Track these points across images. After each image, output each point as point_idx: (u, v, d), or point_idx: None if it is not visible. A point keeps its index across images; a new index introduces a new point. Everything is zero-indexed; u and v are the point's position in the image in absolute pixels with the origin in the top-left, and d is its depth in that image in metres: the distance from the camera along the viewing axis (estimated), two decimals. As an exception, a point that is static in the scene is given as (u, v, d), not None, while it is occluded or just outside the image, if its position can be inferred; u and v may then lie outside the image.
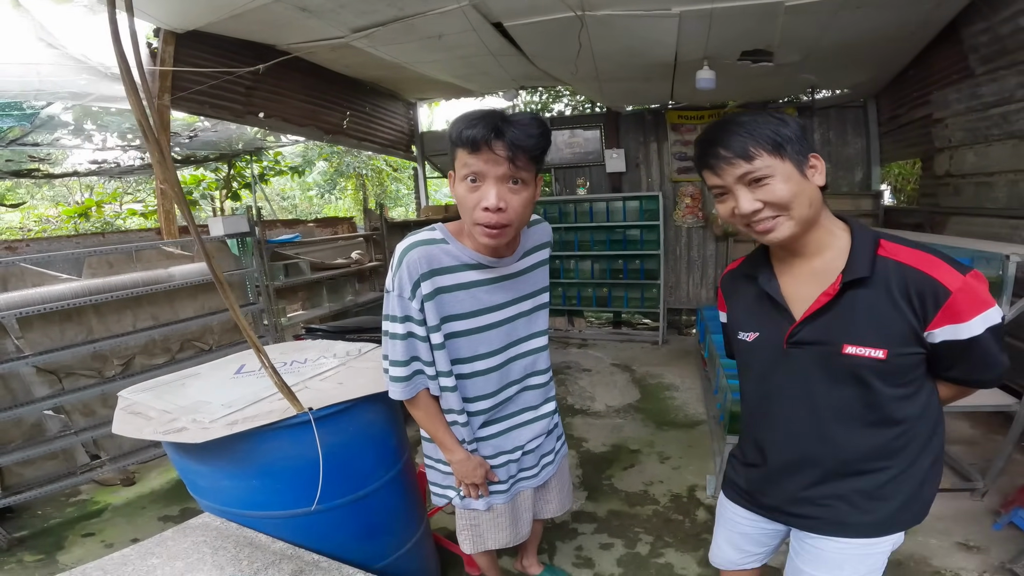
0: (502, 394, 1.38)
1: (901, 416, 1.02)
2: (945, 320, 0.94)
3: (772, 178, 0.94)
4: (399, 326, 1.21)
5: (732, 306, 1.24)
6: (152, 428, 1.44)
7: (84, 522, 2.81)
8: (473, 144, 1.05)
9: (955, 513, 2.49)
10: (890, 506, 1.08)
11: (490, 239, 1.13)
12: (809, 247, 1.03)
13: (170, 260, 3.42)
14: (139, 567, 1.05)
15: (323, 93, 5.14)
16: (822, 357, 1.02)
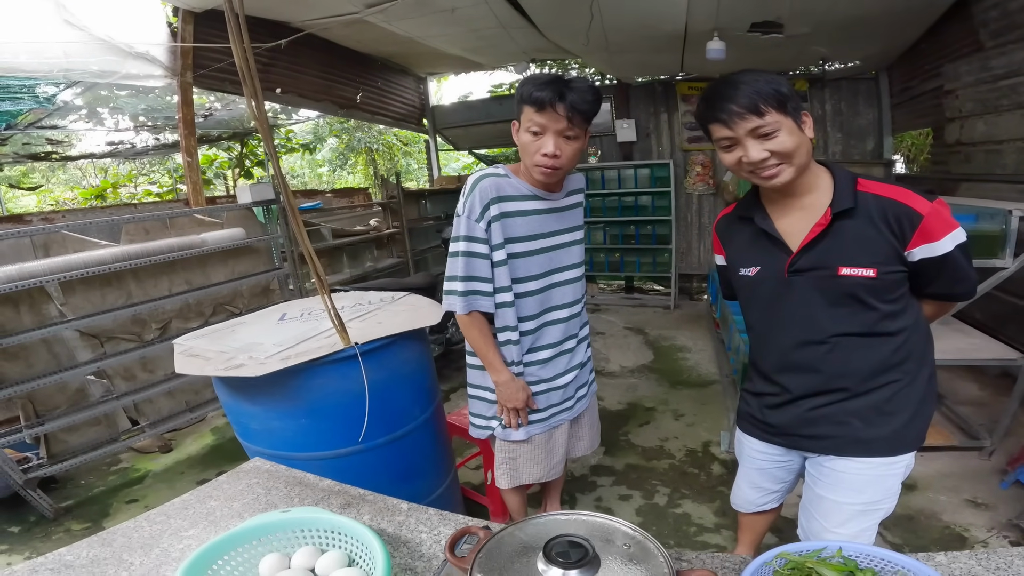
0: (546, 316, 1.54)
1: (895, 328, 1.16)
2: (921, 240, 1.09)
3: (779, 131, 1.07)
4: (463, 244, 1.39)
5: (730, 247, 1.36)
6: (213, 366, 1.57)
7: (126, 489, 2.92)
8: (540, 104, 1.29)
9: (963, 471, 2.58)
10: (899, 420, 1.20)
11: (545, 177, 1.40)
12: (800, 188, 1.17)
13: (202, 227, 3.55)
14: (199, 509, 1.13)
15: (337, 69, 5.21)
16: (820, 280, 1.16)
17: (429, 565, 0.93)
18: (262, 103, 1.31)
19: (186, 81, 3.84)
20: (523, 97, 1.33)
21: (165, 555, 0.98)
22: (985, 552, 0.86)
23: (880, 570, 0.75)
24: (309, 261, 1.47)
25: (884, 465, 1.21)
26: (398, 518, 1.08)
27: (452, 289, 1.43)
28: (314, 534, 0.92)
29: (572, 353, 1.62)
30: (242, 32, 1.19)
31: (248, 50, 1.19)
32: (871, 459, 1.21)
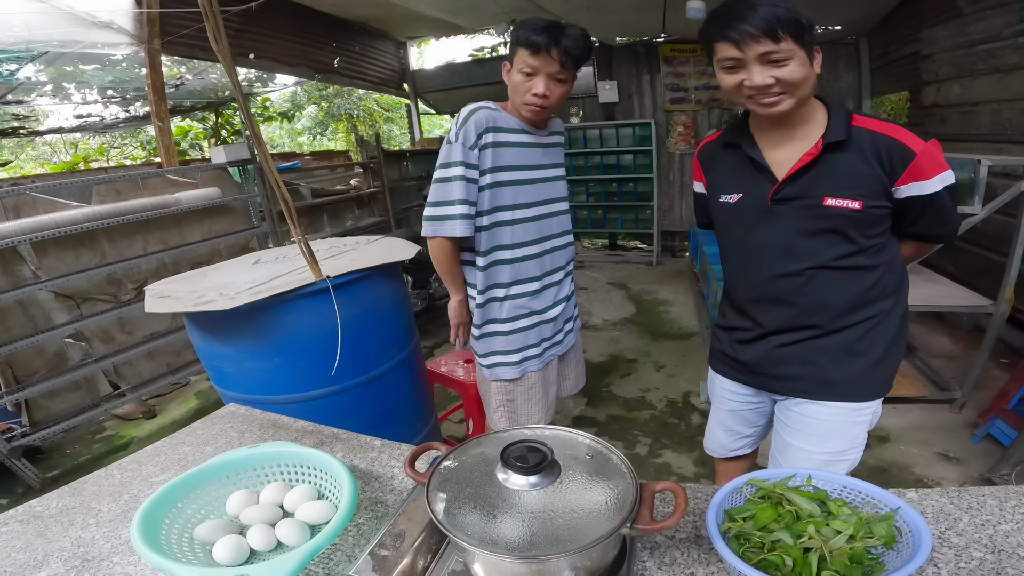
0: (536, 246, 1.58)
1: (872, 264, 1.15)
2: (910, 177, 1.07)
3: (791, 60, 1.01)
4: (459, 170, 1.43)
5: (711, 174, 1.33)
6: (182, 304, 1.54)
7: (112, 457, 2.87)
8: (535, 47, 1.35)
9: (935, 424, 2.62)
10: (867, 361, 1.18)
11: (533, 115, 1.48)
12: (793, 119, 1.12)
13: (175, 187, 3.48)
14: (171, 455, 1.12)
15: (312, 33, 5.11)
16: (804, 210, 1.13)
17: (400, 498, 0.92)
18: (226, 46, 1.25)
19: (153, 48, 3.74)
20: (519, 40, 1.38)
21: (134, 500, 0.97)
22: (957, 491, 0.87)
23: (851, 501, 0.75)
24: (277, 192, 1.45)
25: (851, 411, 1.21)
26: (371, 454, 1.08)
27: (452, 213, 1.44)
28: (283, 469, 0.91)
29: (560, 285, 1.66)
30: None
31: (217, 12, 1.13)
32: (838, 404, 1.21)
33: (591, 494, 0.64)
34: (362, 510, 0.90)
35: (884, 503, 0.73)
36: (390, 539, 0.72)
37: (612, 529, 0.58)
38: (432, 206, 1.47)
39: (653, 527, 0.61)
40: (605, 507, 0.63)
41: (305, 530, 0.79)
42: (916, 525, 0.67)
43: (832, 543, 0.67)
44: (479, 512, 0.62)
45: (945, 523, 0.80)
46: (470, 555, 0.63)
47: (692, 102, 6.11)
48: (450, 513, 0.62)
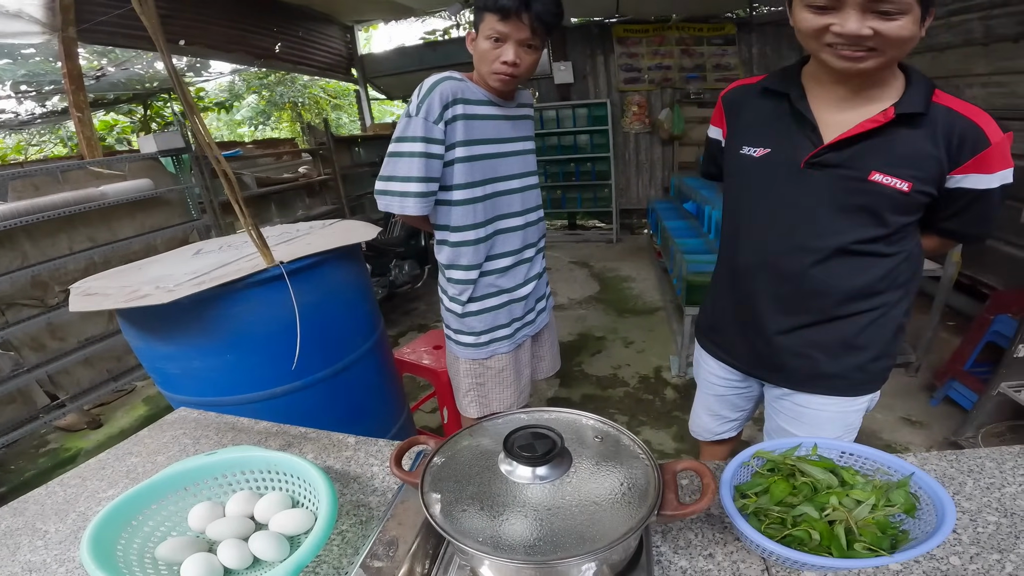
0: (506, 221, 1.51)
1: (891, 252, 1.04)
2: (973, 168, 0.95)
3: (904, 15, 0.83)
4: (420, 146, 1.32)
5: (736, 120, 1.16)
6: (112, 300, 1.36)
7: (60, 470, 2.66)
8: (504, 12, 1.26)
9: (895, 389, 2.70)
10: (865, 356, 1.09)
11: (502, 84, 1.38)
12: (865, 82, 0.96)
13: (100, 180, 3.18)
14: (118, 468, 1.02)
15: (250, 18, 4.84)
16: (843, 181, 0.99)
17: (384, 499, 0.86)
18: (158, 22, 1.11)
19: (68, 36, 3.43)
20: (486, 4, 1.28)
21: (82, 519, 0.89)
22: (955, 454, 0.87)
23: (859, 468, 0.73)
24: (218, 169, 1.30)
25: (845, 403, 1.14)
26: (345, 453, 1.01)
27: (406, 191, 1.35)
28: (249, 477, 0.83)
29: (531, 263, 1.60)
30: None
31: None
32: (831, 397, 1.13)
33: (608, 482, 0.58)
34: (344, 515, 0.82)
35: (895, 469, 0.71)
36: (381, 547, 0.64)
37: (641, 519, 0.52)
38: (384, 180, 1.37)
39: (683, 512, 0.55)
40: (626, 495, 0.56)
41: (283, 543, 0.71)
42: (934, 491, 0.64)
43: (855, 514, 0.64)
44: (485, 513, 0.54)
45: (952, 487, 0.80)
46: (478, 559, 0.55)
47: (645, 82, 6.17)
48: (452, 517, 0.54)
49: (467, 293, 1.49)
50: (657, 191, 6.54)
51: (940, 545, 0.68)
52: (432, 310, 4.00)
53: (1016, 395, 2.02)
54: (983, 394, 2.18)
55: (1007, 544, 0.69)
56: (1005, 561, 0.66)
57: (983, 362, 2.40)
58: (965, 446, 2.15)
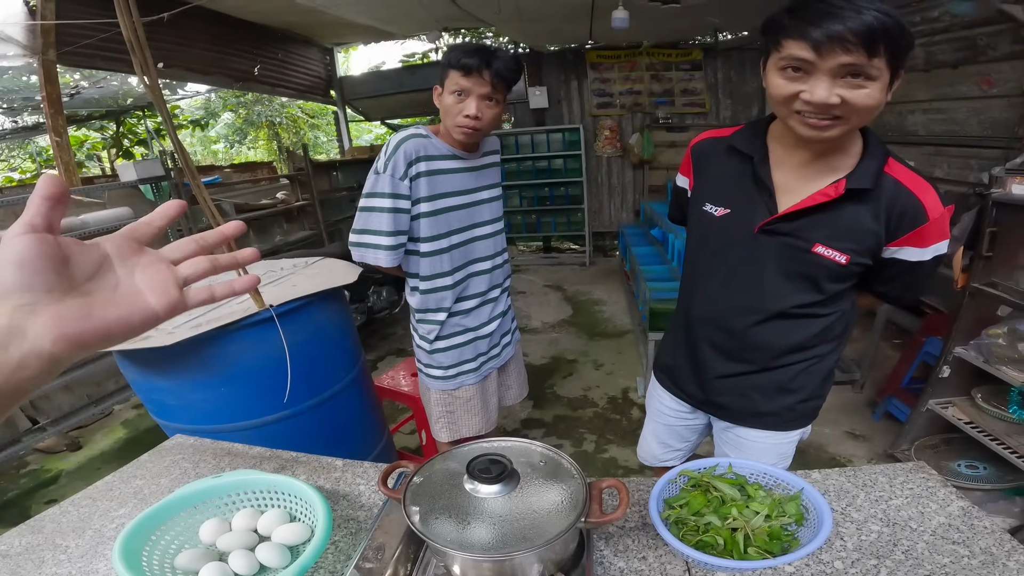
0: (472, 267, 1.62)
1: (826, 312, 1.09)
2: (909, 242, 0.98)
3: (873, 83, 0.84)
4: (388, 201, 1.43)
5: (703, 176, 1.19)
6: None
7: (42, 491, 2.75)
8: (467, 69, 1.37)
9: (841, 405, 2.91)
10: (796, 397, 1.18)
11: (465, 137, 1.48)
12: (826, 146, 0.97)
13: (80, 208, 3.24)
14: (125, 490, 1.10)
15: (230, 40, 4.89)
16: (789, 249, 1.03)
17: (370, 513, 0.97)
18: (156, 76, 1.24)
19: (48, 59, 3.47)
20: (451, 62, 1.40)
21: (99, 535, 0.97)
22: (853, 470, 1.00)
23: (765, 484, 0.87)
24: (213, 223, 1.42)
25: (780, 435, 1.24)
26: (334, 475, 1.11)
27: (377, 243, 1.46)
28: (251, 496, 0.93)
29: (496, 302, 1.71)
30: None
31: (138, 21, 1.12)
32: (766, 431, 1.23)
33: (548, 496, 0.73)
34: (336, 528, 0.94)
35: (791, 484, 0.85)
36: (371, 552, 0.77)
37: (570, 524, 0.67)
38: (357, 233, 1.48)
39: (603, 519, 0.71)
40: (562, 506, 0.71)
41: (285, 552, 0.83)
42: (817, 503, 0.80)
43: (752, 523, 0.79)
44: (453, 520, 0.69)
45: (845, 500, 0.93)
46: (450, 558, 0.70)
47: (617, 107, 6.36)
48: (427, 523, 0.69)
49: (435, 333, 1.60)
50: (628, 214, 6.74)
51: (828, 551, 0.81)
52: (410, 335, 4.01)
53: (943, 411, 2.20)
54: (914, 410, 2.37)
55: (885, 551, 0.80)
56: (880, 567, 0.78)
57: (919, 379, 2.59)
58: (901, 458, 2.32)
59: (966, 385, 2.22)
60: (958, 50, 3.06)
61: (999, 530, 0.83)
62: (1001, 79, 2.85)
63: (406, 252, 1.53)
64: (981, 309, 2.13)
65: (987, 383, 2.14)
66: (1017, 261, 2.06)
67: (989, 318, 2.14)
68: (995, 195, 2.00)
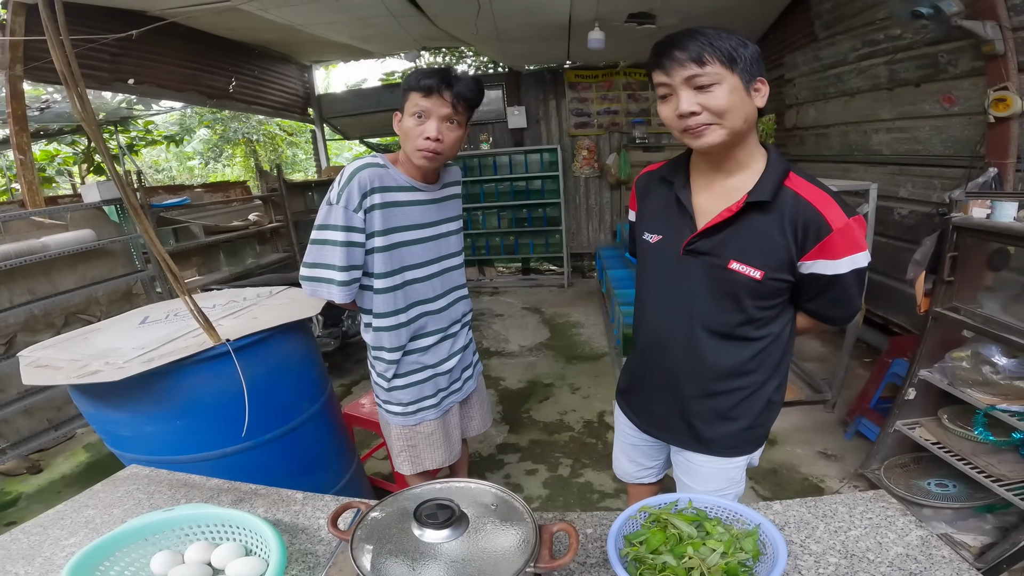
0: (430, 304, 1.56)
1: (758, 335, 1.13)
2: (819, 255, 1.03)
3: (717, 86, 0.97)
4: (341, 234, 1.36)
5: (643, 207, 1.28)
6: (64, 375, 1.42)
7: (1, 513, 2.66)
8: (428, 90, 1.32)
9: (813, 424, 2.94)
10: (738, 425, 1.21)
11: (426, 161, 1.40)
12: (729, 164, 1.08)
13: (42, 230, 3.16)
14: (76, 519, 1.07)
15: (204, 57, 4.84)
16: (710, 268, 1.10)
17: (329, 547, 0.95)
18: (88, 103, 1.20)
19: (15, 75, 3.41)
20: (410, 84, 1.35)
21: (49, 563, 0.96)
22: (813, 500, 1.00)
23: (724, 519, 0.87)
24: (159, 259, 1.38)
25: (725, 461, 1.26)
26: (294, 507, 1.09)
27: (330, 278, 1.40)
28: (204, 529, 0.91)
29: (455, 338, 1.66)
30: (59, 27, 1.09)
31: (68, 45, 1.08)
32: (711, 457, 1.25)
33: (499, 539, 0.71)
34: (293, 562, 0.92)
35: (750, 520, 0.85)
36: (326, 589, 0.74)
37: (518, 569, 0.66)
38: (309, 267, 1.41)
39: (552, 565, 0.69)
40: (511, 550, 0.69)
41: (240, 585, 0.80)
42: (773, 539, 0.79)
43: (708, 561, 0.78)
44: (401, 564, 0.68)
45: (805, 531, 0.92)
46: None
47: (595, 126, 6.40)
48: (376, 568, 0.67)
49: (392, 371, 1.54)
50: (606, 235, 6.75)
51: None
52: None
53: (910, 432, 2.23)
54: (882, 431, 2.39)
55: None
56: (837, 599, 0.77)
57: (887, 399, 2.61)
58: (871, 477, 2.35)
59: (933, 405, 2.25)
60: (920, 67, 3.10)
61: (957, 559, 0.83)
62: (962, 97, 2.88)
63: (360, 287, 1.46)
64: (945, 332, 2.16)
65: (953, 403, 2.16)
66: (979, 285, 2.10)
67: (954, 340, 2.17)
68: (955, 219, 2.03)
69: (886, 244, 3.43)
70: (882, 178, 3.38)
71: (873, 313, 3.65)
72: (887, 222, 3.43)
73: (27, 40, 3.36)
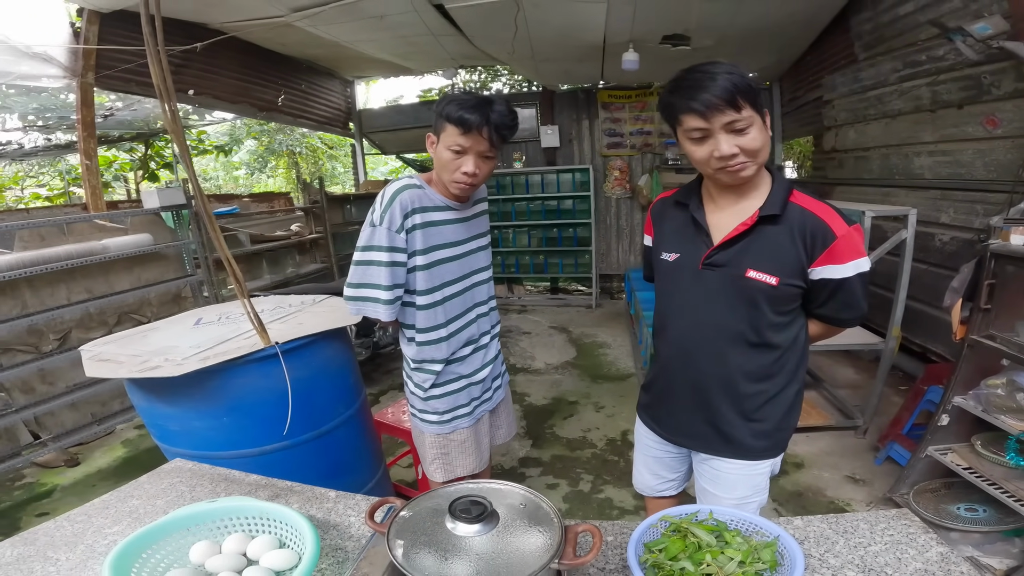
0: (465, 317, 1.62)
1: (777, 341, 1.21)
2: (826, 260, 1.13)
3: (752, 127, 1.06)
4: (385, 255, 1.42)
5: (659, 230, 1.37)
6: (127, 369, 1.53)
7: (35, 503, 2.77)
8: (466, 126, 1.35)
9: (843, 449, 2.89)
10: (762, 427, 1.27)
11: (461, 192, 1.49)
12: (745, 186, 1.18)
13: (103, 233, 3.37)
14: (121, 508, 1.12)
15: (257, 71, 5.03)
16: (729, 279, 1.18)
17: (359, 544, 0.99)
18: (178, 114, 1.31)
19: (87, 82, 3.62)
20: (449, 116, 1.37)
21: (90, 551, 0.99)
22: (834, 517, 1.01)
23: (744, 531, 0.89)
24: (227, 266, 1.48)
25: (751, 466, 1.30)
26: (327, 505, 1.13)
27: (376, 297, 1.45)
28: (243, 522, 0.96)
29: (486, 349, 1.72)
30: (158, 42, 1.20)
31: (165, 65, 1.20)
32: (739, 460, 1.29)
33: (527, 536, 0.76)
34: (324, 556, 0.96)
35: (769, 532, 0.87)
36: (356, 581, 0.80)
37: (543, 564, 0.70)
38: (354, 287, 1.46)
39: (576, 562, 0.73)
40: (538, 547, 0.74)
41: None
42: (792, 550, 0.82)
43: (726, 568, 0.81)
44: (433, 556, 0.72)
45: (824, 546, 0.94)
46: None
47: (627, 147, 6.37)
48: (409, 558, 0.72)
49: (430, 382, 1.60)
50: (636, 257, 6.67)
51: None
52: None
53: (942, 457, 2.20)
54: (914, 456, 2.35)
55: (858, 597, 0.81)
56: (852, 612, 0.79)
57: (921, 425, 2.58)
58: (899, 502, 2.30)
59: (966, 432, 2.21)
60: (963, 89, 3.03)
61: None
62: (1006, 119, 2.81)
63: (402, 304, 1.52)
64: (981, 360, 2.12)
65: (986, 430, 2.13)
66: (1017, 313, 2.06)
67: (990, 368, 2.13)
68: (993, 246, 2.01)
69: (926, 271, 3.34)
70: (923, 203, 3.31)
71: (910, 340, 3.55)
72: (927, 248, 3.35)
73: (99, 48, 3.56)
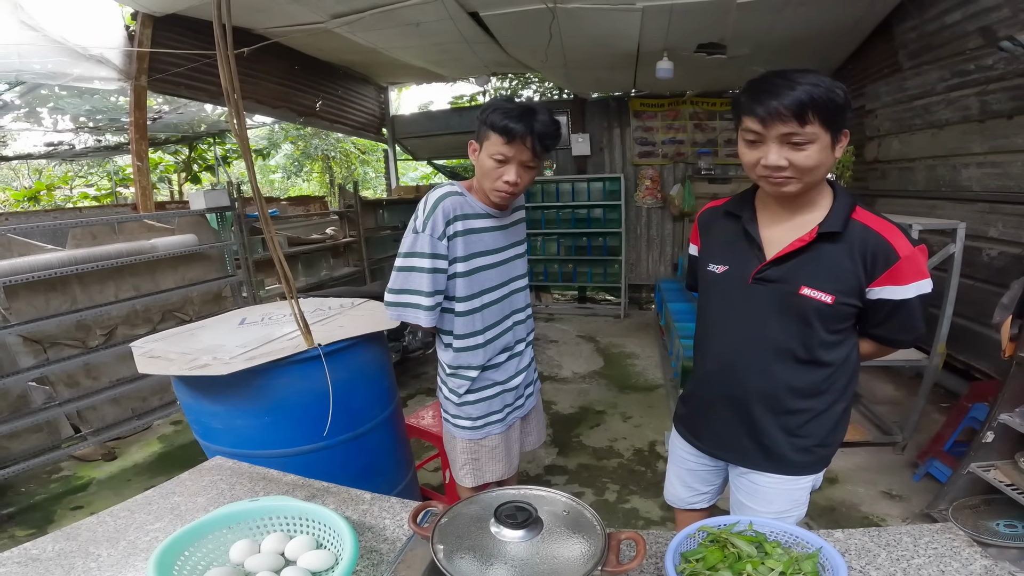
0: (502, 324, 1.64)
1: (828, 359, 1.17)
2: (887, 281, 1.08)
3: (811, 145, 1.00)
4: (427, 261, 1.44)
5: (706, 240, 1.33)
6: (177, 367, 1.60)
7: (70, 496, 2.85)
8: (510, 136, 1.35)
9: (879, 465, 2.82)
10: (806, 443, 1.23)
11: (502, 201, 1.49)
12: (798, 202, 1.13)
13: (151, 232, 3.51)
14: (163, 505, 1.15)
15: (297, 76, 5.17)
16: (780, 295, 1.14)
17: (393, 547, 1.01)
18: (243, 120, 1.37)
19: (140, 85, 3.76)
20: (493, 125, 1.37)
21: (132, 547, 1.00)
22: (876, 530, 0.99)
23: (785, 543, 0.88)
24: (279, 268, 1.52)
25: (792, 480, 1.27)
26: (362, 507, 1.15)
27: (417, 303, 1.47)
28: (282, 521, 0.98)
29: (521, 356, 1.73)
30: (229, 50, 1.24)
31: (233, 70, 1.25)
32: (779, 475, 1.26)
33: (569, 543, 0.76)
34: (359, 558, 0.97)
35: (811, 543, 0.86)
36: (394, 584, 0.81)
37: (587, 571, 0.70)
38: (395, 293, 1.47)
39: (619, 569, 0.74)
40: (581, 554, 0.74)
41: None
42: (835, 562, 0.81)
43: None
44: (476, 560, 0.73)
45: (865, 559, 0.92)
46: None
47: (659, 156, 6.28)
48: (452, 561, 0.73)
49: (465, 388, 1.61)
50: (666, 267, 6.58)
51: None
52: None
53: (984, 474, 2.15)
54: (955, 472, 2.30)
55: (901, 609, 0.80)
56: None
57: (963, 443, 2.53)
58: (937, 518, 2.25)
59: (1010, 449, 2.18)
60: (1013, 99, 2.95)
61: (1021, 589, 0.81)
62: None
63: (441, 310, 1.53)
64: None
65: (1030, 447, 2.07)
66: (1067, 331, 1.98)
67: (1038, 386, 2.06)
68: (1046, 262, 1.95)
69: (972, 287, 3.23)
70: (971, 216, 3.20)
71: (954, 358, 3.43)
72: (975, 263, 3.23)
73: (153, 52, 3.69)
